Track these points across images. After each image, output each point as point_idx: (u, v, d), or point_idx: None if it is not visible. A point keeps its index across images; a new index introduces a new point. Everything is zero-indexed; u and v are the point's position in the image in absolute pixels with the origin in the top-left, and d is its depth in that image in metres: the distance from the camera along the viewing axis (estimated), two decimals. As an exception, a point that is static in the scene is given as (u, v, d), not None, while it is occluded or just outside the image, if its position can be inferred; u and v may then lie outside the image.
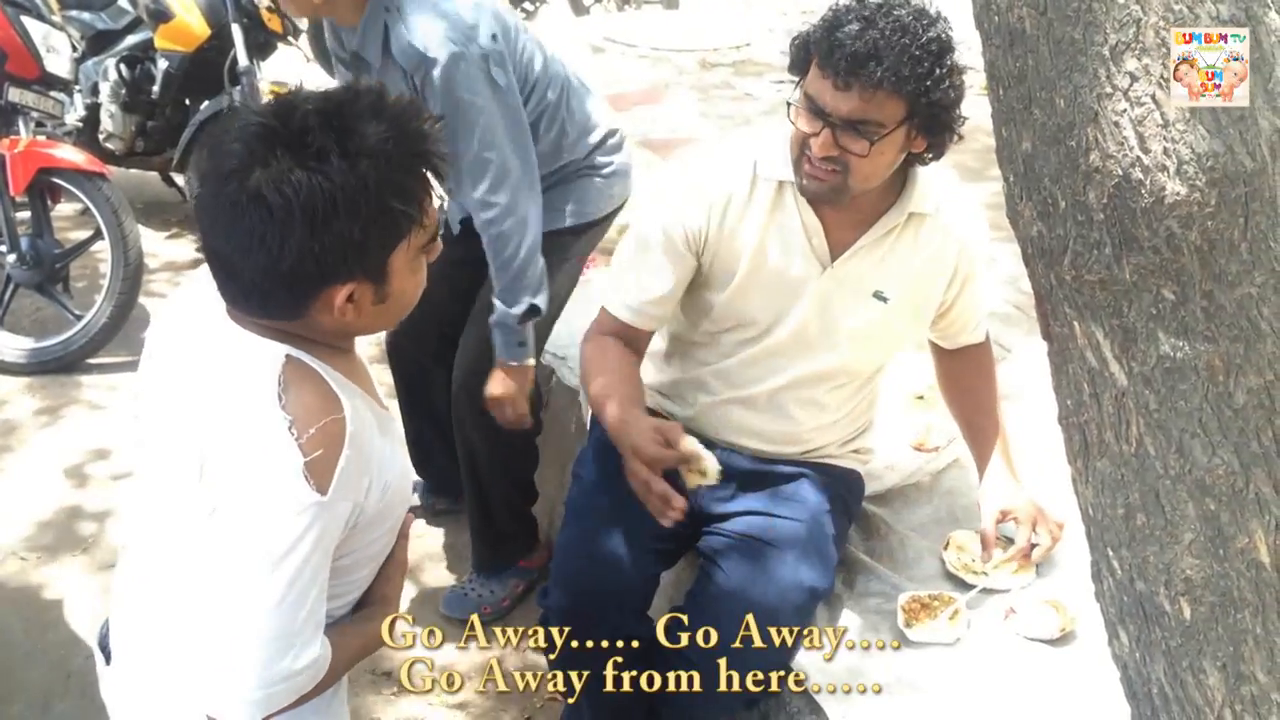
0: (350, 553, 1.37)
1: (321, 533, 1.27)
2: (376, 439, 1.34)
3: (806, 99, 1.82)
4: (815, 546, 1.99)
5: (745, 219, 1.94)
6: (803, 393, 2.05)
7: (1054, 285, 1.17)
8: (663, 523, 1.86)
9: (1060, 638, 1.95)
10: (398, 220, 1.27)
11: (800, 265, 1.96)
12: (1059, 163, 1.11)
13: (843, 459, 2.16)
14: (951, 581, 2.09)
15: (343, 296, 1.27)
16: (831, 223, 1.94)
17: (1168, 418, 1.13)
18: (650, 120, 5.00)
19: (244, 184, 1.20)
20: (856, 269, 1.97)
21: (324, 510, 1.26)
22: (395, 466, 1.38)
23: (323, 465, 1.25)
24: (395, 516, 1.42)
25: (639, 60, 6.06)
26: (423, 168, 1.28)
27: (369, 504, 1.33)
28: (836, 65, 1.74)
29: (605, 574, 2.00)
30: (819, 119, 1.80)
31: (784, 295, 1.97)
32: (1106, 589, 1.27)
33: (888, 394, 2.35)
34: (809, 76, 1.82)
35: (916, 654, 1.94)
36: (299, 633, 1.28)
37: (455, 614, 2.83)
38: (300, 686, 1.30)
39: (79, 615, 2.87)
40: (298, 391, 1.26)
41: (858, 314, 1.99)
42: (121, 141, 4.78)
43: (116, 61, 4.72)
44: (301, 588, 1.27)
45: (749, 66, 5.93)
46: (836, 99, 1.76)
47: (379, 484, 1.34)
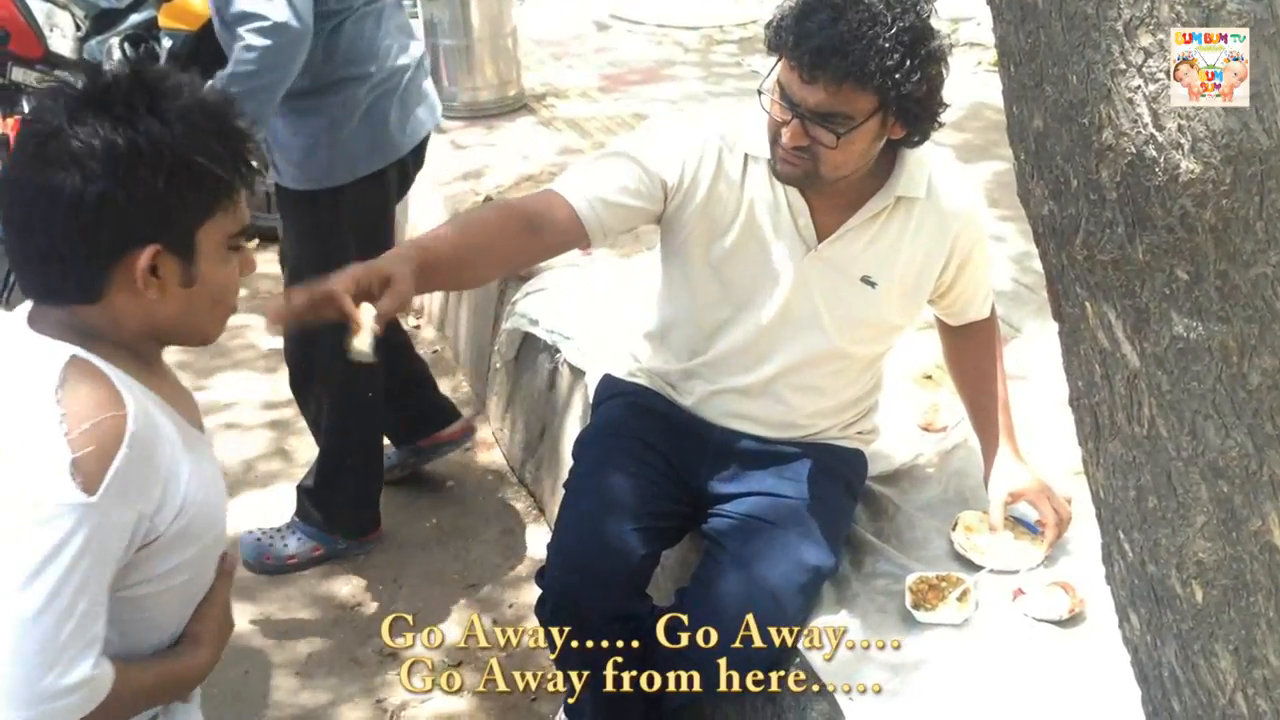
0: (147, 580, 1.27)
1: (90, 538, 1.16)
2: (174, 451, 1.26)
3: (778, 87, 1.79)
4: (819, 525, 1.99)
5: (733, 190, 1.92)
6: (797, 378, 2.03)
7: (1065, 265, 1.16)
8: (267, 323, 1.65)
9: (1069, 619, 1.94)
10: (203, 180, 1.23)
11: (786, 245, 1.94)
12: (1071, 140, 1.09)
13: (845, 440, 2.15)
14: (959, 562, 2.08)
15: (145, 261, 1.21)
16: (817, 205, 1.92)
17: (1181, 399, 1.11)
18: (653, 99, 4.98)
19: (49, 141, 1.19)
20: (844, 252, 1.95)
21: (93, 513, 1.16)
22: (200, 487, 1.29)
23: (93, 463, 1.16)
24: (202, 545, 1.32)
25: (644, 37, 6.03)
26: (232, 141, 1.26)
27: (162, 521, 1.24)
28: (801, 58, 1.71)
29: (603, 553, 1.99)
30: (789, 109, 1.77)
31: (769, 273, 1.95)
32: (1117, 572, 1.26)
33: (895, 374, 2.34)
34: (780, 65, 1.79)
35: (924, 635, 1.93)
36: (65, 647, 1.17)
37: (244, 555, 2.91)
38: (74, 708, 1.19)
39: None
40: (75, 387, 1.19)
41: (845, 298, 1.97)
42: (125, 121, 4.76)
43: (120, 40, 4.69)
44: (67, 597, 1.16)
45: (756, 43, 5.89)
46: (803, 91, 1.74)
47: (174, 499, 1.25)
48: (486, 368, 3.61)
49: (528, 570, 2.92)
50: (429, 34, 4.77)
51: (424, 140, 2.83)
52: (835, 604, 2.02)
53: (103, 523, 1.18)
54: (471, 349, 3.79)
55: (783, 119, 1.79)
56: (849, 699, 1.83)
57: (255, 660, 2.67)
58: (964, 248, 2.00)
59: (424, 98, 2.77)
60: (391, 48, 2.66)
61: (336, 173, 2.63)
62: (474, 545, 3.08)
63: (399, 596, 2.89)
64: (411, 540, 3.10)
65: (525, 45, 5.20)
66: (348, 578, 2.95)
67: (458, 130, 4.68)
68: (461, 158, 4.38)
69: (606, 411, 2.19)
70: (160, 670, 1.34)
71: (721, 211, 1.93)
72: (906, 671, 1.87)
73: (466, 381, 3.85)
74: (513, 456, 3.39)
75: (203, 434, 1.37)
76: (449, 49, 4.74)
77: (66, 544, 1.15)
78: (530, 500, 3.25)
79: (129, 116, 1.20)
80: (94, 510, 1.16)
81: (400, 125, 2.70)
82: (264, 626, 2.79)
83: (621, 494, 2.03)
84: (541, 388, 3.18)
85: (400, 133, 2.71)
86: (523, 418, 3.30)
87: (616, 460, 2.07)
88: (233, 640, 2.72)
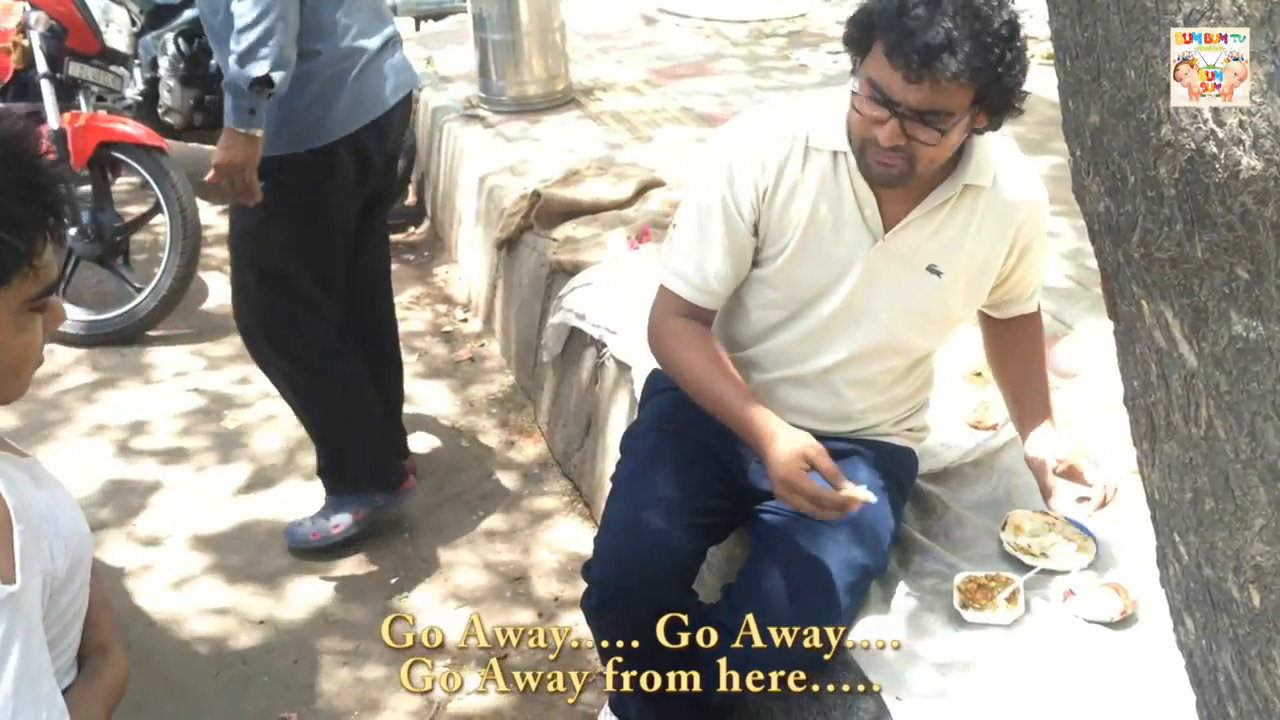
0: (56, 621, 1.27)
1: (25, 623, 1.16)
2: (35, 495, 1.23)
3: (871, 86, 1.75)
4: (868, 524, 1.97)
5: (798, 190, 1.91)
6: (853, 371, 2.02)
7: (1121, 263, 1.14)
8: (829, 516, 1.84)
9: (1121, 621, 1.92)
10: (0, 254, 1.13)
11: (852, 237, 1.92)
12: (1129, 136, 1.07)
13: (896, 437, 2.13)
14: (1009, 562, 2.06)
15: None
16: (885, 195, 1.91)
17: (1239, 400, 1.09)
18: (700, 93, 4.97)
19: None
20: (909, 242, 1.93)
21: (19, 599, 1.15)
22: (64, 513, 1.28)
23: (1, 556, 1.14)
24: (85, 564, 1.32)
25: (691, 31, 6.01)
26: (37, 202, 1.16)
27: (58, 567, 1.24)
28: (908, 58, 1.67)
29: (649, 548, 1.99)
30: (885, 108, 1.74)
31: (834, 268, 1.94)
32: (1172, 574, 1.24)
33: (945, 370, 2.32)
34: (873, 62, 1.74)
35: (973, 635, 1.92)
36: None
37: (292, 544, 3.03)
38: None
39: (137, 585, 2.92)
40: None
41: (910, 288, 1.95)
42: (180, 115, 4.83)
43: (175, 35, 4.75)
44: (29, 688, 1.16)
45: (805, 37, 5.86)
46: (906, 90, 1.71)
47: (59, 542, 1.24)
48: (533, 362, 3.62)
49: (573, 564, 2.93)
50: (477, 28, 4.78)
51: (391, 123, 2.86)
52: (882, 603, 2.01)
53: (27, 602, 1.17)
54: (518, 344, 3.81)
55: (878, 118, 1.76)
56: (897, 701, 1.82)
57: (305, 650, 2.70)
58: (1025, 238, 1.99)
59: (386, 79, 2.81)
60: (350, 28, 2.71)
61: (282, 143, 2.69)
62: (520, 539, 3.10)
63: (446, 589, 2.91)
64: (459, 534, 3.11)
65: (573, 39, 5.21)
66: (395, 570, 2.98)
67: (505, 123, 4.69)
68: (508, 151, 4.40)
69: (654, 406, 2.19)
70: (101, 689, 1.35)
71: (794, 216, 1.92)
72: (955, 672, 1.86)
73: (512, 376, 3.87)
74: (558, 450, 3.40)
75: (28, 455, 1.32)
76: (497, 43, 4.76)
77: (11, 638, 1.14)
78: (576, 494, 3.26)
79: None
80: (20, 596, 1.15)
81: (352, 105, 2.73)
82: (314, 617, 2.82)
83: (668, 489, 2.03)
84: (587, 382, 3.18)
85: (351, 112, 2.74)
86: (568, 412, 3.31)
87: (663, 455, 2.06)
88: (283, 630, 2.80)
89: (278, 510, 3.21)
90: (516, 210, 3.81)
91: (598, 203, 3.78)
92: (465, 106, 4.89)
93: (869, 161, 1.82)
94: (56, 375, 3.86)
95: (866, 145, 1.81)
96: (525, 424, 3.61)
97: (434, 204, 5.02)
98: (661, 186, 3.90)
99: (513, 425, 3.62)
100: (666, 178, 3.97)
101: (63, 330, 4.02)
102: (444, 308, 4.39)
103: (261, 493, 3.31)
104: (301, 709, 2.54)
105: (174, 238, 4.02)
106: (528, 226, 3.76)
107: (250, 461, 3.44)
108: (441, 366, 3.98)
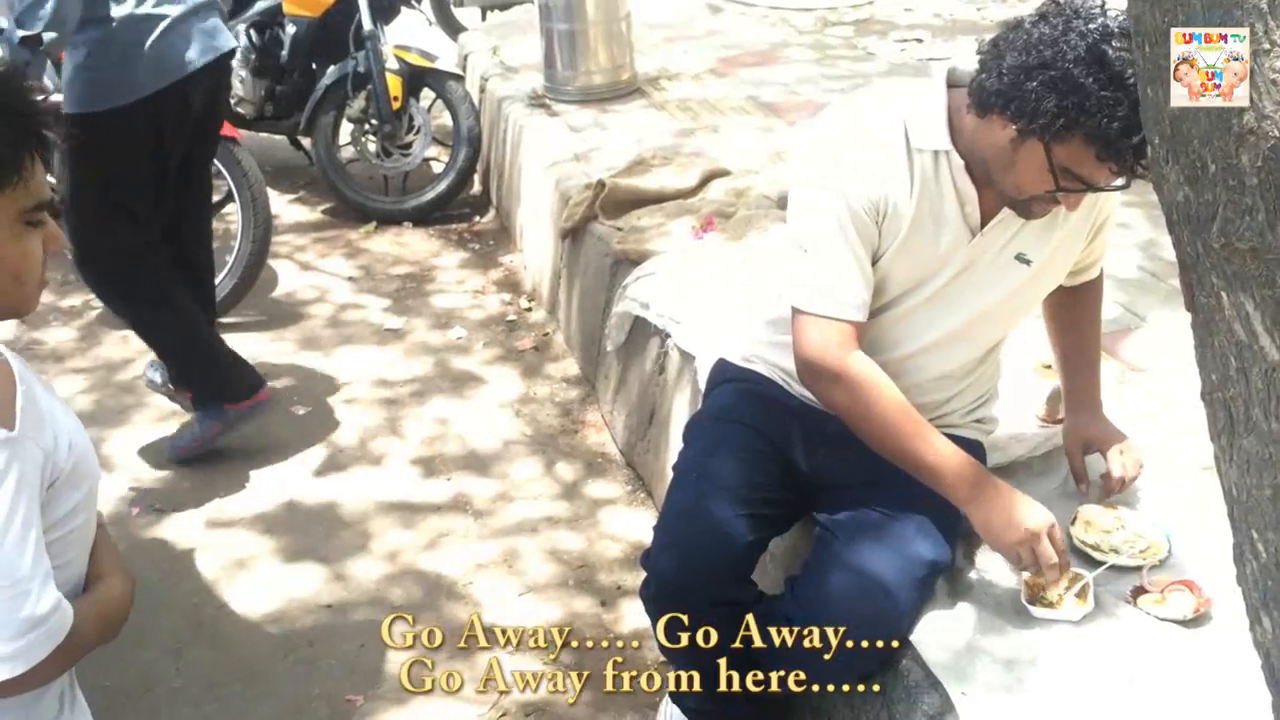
0: (55, 524, 1.33)
1: (21, 472, 1.24)
2: (40, 390, 1.32)
3: (1070, 175, 1.73)
4: (936, 519, 1.95)
5: (906, 190, 1.87)
6: (931, 359, 1.99)
7: (1200, 253, 1.11)
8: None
9: (1194, 619, 1.88)
10: None
11: (952, 234, 1.90)
12: (1209, 124, 1.05)
13: (965, 429, 2.10)
14: (1079, 557, 2.02)
15: None
16: (984, 190, 1.88)
17: (1322, 394, 1.07)
18: (766, 82, 4.94)
19: None
20: (1002, 234, 1.92)
21: (17, 446, 1.24)
22: (72, 426, 1.37)
23: (1, 402, 1.25)
24: (90, 485, 1.40)
25: (757, 20, 5.98)
26: (23, 125, 1.28)
27: (60, 459, 1.31)
28: (1123, 159, 1.65)
29: (708, 537, 1.98)
30: (1085, 190, 1.76)
31: (932, 263, 1.92)
32: (1249, 573, 1.21)
33: (1013, 364, 2.29)
34: (1073, 153, 1.70)
35: (1040, 631, 1.89)
36: (31, 577, 1.24)
37: (168, 458, 3.41)
38: (52, 634, 1.27)
39: (207, 568, 2.98)
40: None
41: (1000, 279, 1.94)
42: (251, 106, 4.91)
43: (247, 27, 4.83)
44: (17, 530, 1.23)
45: (872, 25, 5.80)
46: (1110, 177, 1.72)
47: (63, 438, 1.32)
48: (596, 351, 3.63)
49: (635, 553, 2.94)
50: (543, 18, 4.80)
51: (197, 85, 3.13)
52: (948, 597, 1.99)
53: (25, 455, 1.25)
54: (582, 332, 3.82)
55: (1077, 200, 1.79)
56: (962, 696, 1.80)
57: (370, 635, 2.73)
58: (1104, 214, 2.01)
59: (191, 42, 3.07)
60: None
61: (91, 100, 2.96)
62: (581, 527, 3.11)
63: (510, 577, 2.93)
64: (522, 521, 3.14)
65: (638, 29, 5.21)
66: (459, 558, 3.00)
67: (570, 113, 4.71)
68: (574, 140, 4.41)
69: (719, 396, 2.18)
70: (96, 605, 1.39)
71: (903, 214, 1.88)
72: (1021, 668, 1.83)
73: (576, 364, 3.88)
74: (621, 439, 3.41)
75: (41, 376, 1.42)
76: (563, 33, 4.77)
77: (4, 478, 1.23)
78: (638, 483, 3.27)
79: None
80: (17, 443, 1.24)
81: (154, 67, 2.99)
82: (379, 603, 2.85)
83: (730, 479, 2.02)
84: (651, 371, 3.19)
85: (152, 74, 3.00)
86: (631, 401, 3.32)
87: (727, 445, 2.06)
88: (348, 614, 2.84)
89: (346, 494, 3.26)
90: (581, 200, 3.82)
91: (662, 192, 3.78)
92: (531, 96, 4.91)
93: (1030, 208, 1.83)
94: (130, 361, 3.94)
95: (1034, 200, 1.81)
96: (588, 413, 3.62)
97: (499, 193, 5.05)
98: (727, 176, 3.89)
99: (576, 414, 3.64)
100: (732, 167, 3.95)
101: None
102: (508, 296, 4.42)
103: (330, 477, 3.35)
104: (367, 692, 2.58)
105: (245, 226, 4.08)
106: (592, 216, 3.76)
107: (320, 446, 3.49)
108: (506, 355, 4.01)
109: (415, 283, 4.55)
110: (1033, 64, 1.68)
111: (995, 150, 1.79)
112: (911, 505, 1.95)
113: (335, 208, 5.13)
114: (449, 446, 3.48)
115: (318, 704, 2.55)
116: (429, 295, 4.45)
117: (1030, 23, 1.72)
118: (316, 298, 4.45)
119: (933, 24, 5.75)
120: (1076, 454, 2.14)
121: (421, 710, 2.53)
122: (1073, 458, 2.14)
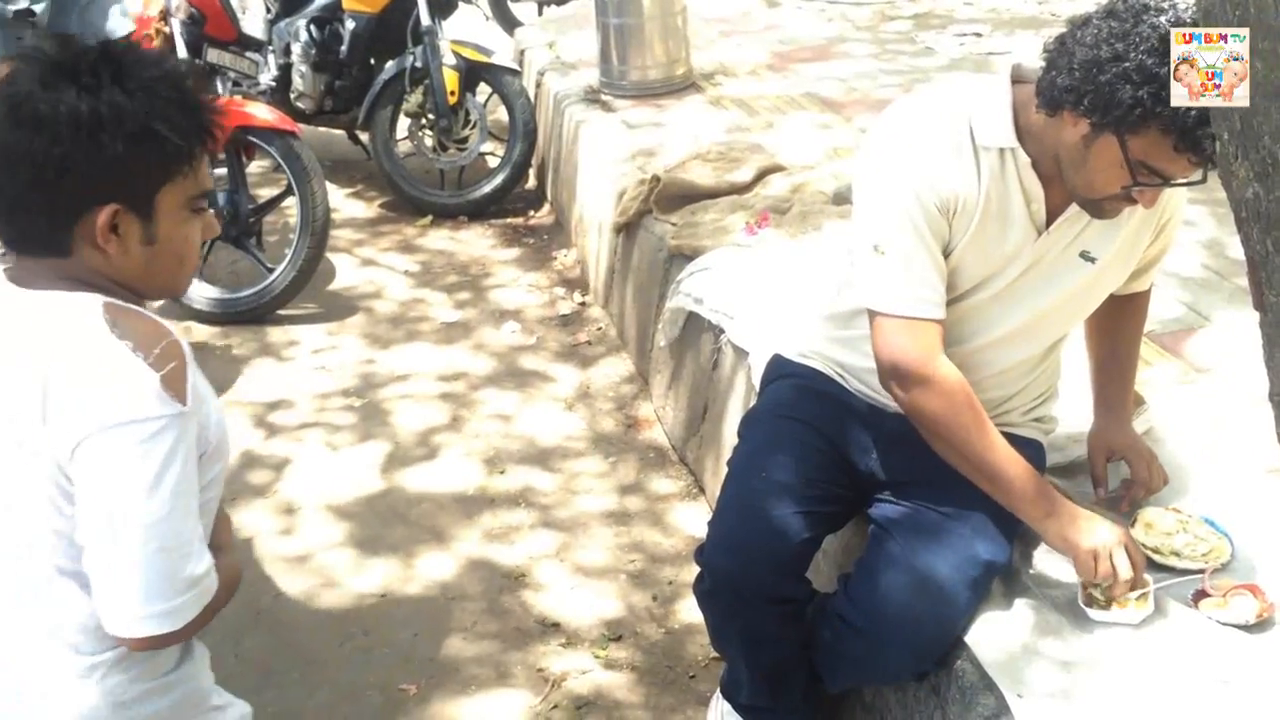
0: (201, 490, 1.40)
1: (188, 444, 1.33)
2: (199, 373, 1.39)
3: (1146, 170, 1.70)
4: (992, 519, 1.93)
5: (973, 188, 1.84)
6: (992, 356, 1.97)
7: (1270, 251, 1.09)
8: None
9: (1257, 624, 1.84)
10: (163, 146, 1.33)
11: (1018, 233, 1.87)
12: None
13: (1024, 428, 2.08)
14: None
15: (104, 219, 1.32)
16: (1051, 189, 1.86)
17: (1396, 397, 1.04)
18: (823, 77, 4.91)
19: (21, 104, 1.29)
20: (1068, 232, 1.89)
21: (186, 421, 1.32)
22: (219, 404, 1.45)
23: (176, 378, 1.32)
24: (224, 460, 1.48)
25: (814, 14, 5.95)
26: (195, 118, 1.36)
27: (209, 434, 1.40)
28: (1201, 149, 1.60)
29: (762, 533, 1.98)
30: (1162, 184, 1.73)
31: (998, 261, 1.89)
32: (1317, 578, 1.19)
33: (1073, 363, 2.26)
34: (1149, 146, 1.66)
35: (1099, 634, 1.86)
36: (191, 540, 1.34)
37: None
38: (206, 592, 1.36)
39: (267, 556, 3.02)
40: (126, 322, 1.33)
41: (1064, 276, 1.91)
42: (311, 100, 4.96)
43: (307, 23, 4.89)
44: (185, 497, 1.32)
45: (930, 19, 5.75)
46: (1188, 169, 1.68)
47: (211, 416, 1.40)
48: (650, 346, 3.63)
49: (689, 548, 2.94)
50: (600, 13, 4.81)
51: None
52: (1004, 598, 1.97)
53: (189, 429, 1.33)
54: (635, 327, 3.83)
55: (1153, 195, 1.76)
56: (1018, 698, 1.78)
57: (425, 624, 2.76)
58: (1170, 212, 1.97)
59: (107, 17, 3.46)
60: None
61: None
62: (635, 522, 3.12)
63: (563, 570, 2.94)
64: (577, 515, 3.15)
65: (694, 24, 5.20)
66: (512, 550, 3.02)
67: (627, 109, 4.71)
68: (630, 137, 4.41)
69: (775, 392, 2.17)
70: (225, 572, 1.45)
71: (970, 212, 1.86)
72: (1079, 671, 1.81)
73: (630, 359, 3.89)
74: (674, 435, 3.41)
75: None
76: (618, 27, 4.77)
77: (175, 451, 1.31)
78: (691, 479, 3.27)
79: (94, 85, 1.30)
80: (186, 418, 1.32)
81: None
82: (433, 593, 2.88)
83: (785, 475, 2.01)
84: (704, 367, 3.18)
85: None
86: (685, 396, 3.32)
87: (782, 441, 2.05)
88: (403, 604, 2.86)
89: (403, 485, 3.29)
90: (636, 194, 3.82)
91: (717, 187, 3.77)
92: (586, 91, 4.92)
93: (1103, 207, 1.80)
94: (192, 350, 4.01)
95: (1108, 199, 1.78)
96: (642, 407, 3.63)
97: (554, 188, 5.07)
98: (781, 171, 3.87)
99: (629, 409, 3.64)
100: (788, 163, 3.93)
101: (198, 308, 4.18)
102: (563, 291, 4.44)
103: (388, 468, 3.39)
104: (421, 681, 2.60)
105: (304, 219, 4.13)
106: (646, 211, 3.77)
107: (377, 438, 3.53)
108: (560, 349, 4.02)
109: (471, 277, 4.58)
110: (1105, 57, 1.65)
111: (1067, 148, 1.76)
112: (968, 504, 1.93)
113: (392, 202, 5.18)
114: (506, 440, 3.50)
115: (372, 692, 2.58)
116: (485, 290, 4.48)
117: (1099, 18, 1.69)
118: (374, 292, 4.50)
119: (992, 18, 5.69)
120: (1099, 459, 2.10)
121: (473, 700, 2.55)
122: (1095, 462, 2.11)
